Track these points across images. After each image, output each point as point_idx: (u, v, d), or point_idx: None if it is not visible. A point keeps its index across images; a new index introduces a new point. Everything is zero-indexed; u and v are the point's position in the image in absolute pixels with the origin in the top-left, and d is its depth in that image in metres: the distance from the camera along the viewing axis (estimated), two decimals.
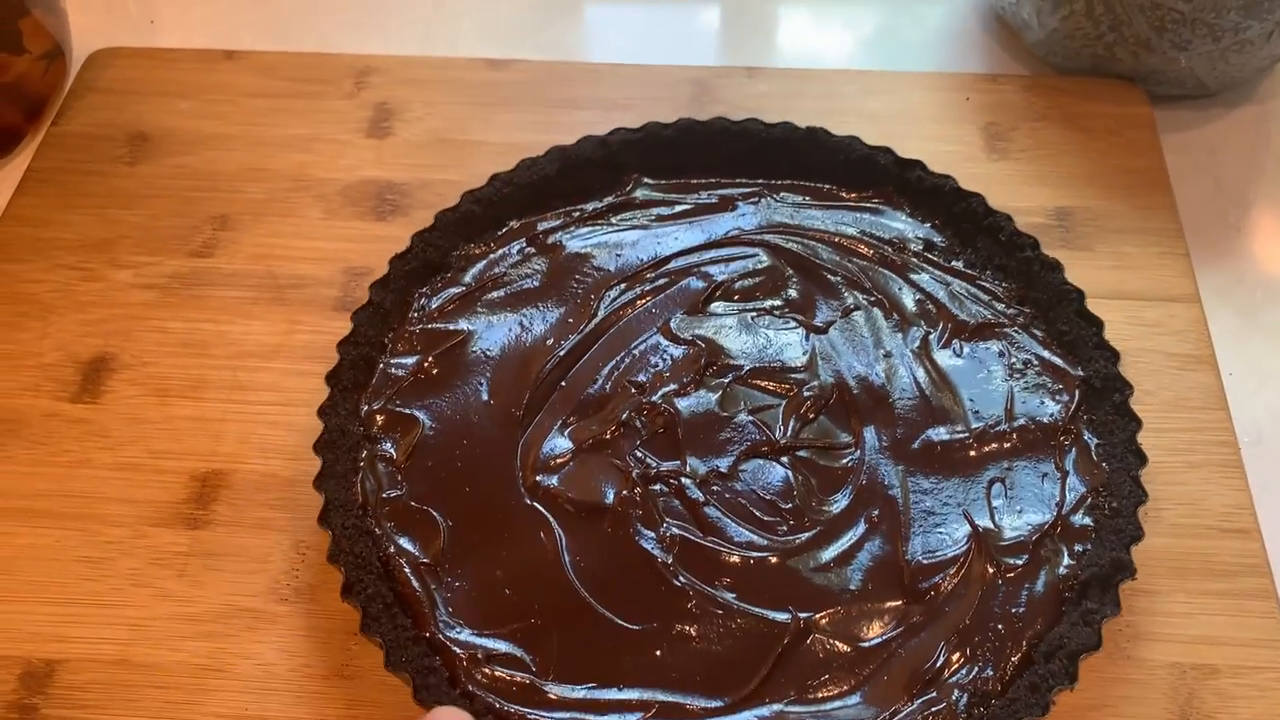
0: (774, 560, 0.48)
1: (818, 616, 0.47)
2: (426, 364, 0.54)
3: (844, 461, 0.51)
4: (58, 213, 0.66)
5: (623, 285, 0.57)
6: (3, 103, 0.67)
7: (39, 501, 0.55)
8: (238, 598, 0.52)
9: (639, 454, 0.51)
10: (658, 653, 0.46)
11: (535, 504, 0.50)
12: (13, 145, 0.69)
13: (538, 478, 0.50)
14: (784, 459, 0.51)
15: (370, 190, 0.66)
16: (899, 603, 0.47)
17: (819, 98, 0.70)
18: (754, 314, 0.56)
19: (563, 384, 0.54)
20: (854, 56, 0.77)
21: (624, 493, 0.50)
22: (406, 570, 0.48)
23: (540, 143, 0.61)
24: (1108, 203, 0.65)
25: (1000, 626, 0.46)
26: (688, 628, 0.46)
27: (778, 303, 0.56)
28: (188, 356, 0.60)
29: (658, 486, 0.50)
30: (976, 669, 0.45)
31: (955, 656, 0.45)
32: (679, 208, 0.60)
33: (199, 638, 0.50)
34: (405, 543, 0.49)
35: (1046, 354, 0.54)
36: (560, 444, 0.52)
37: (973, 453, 0.51)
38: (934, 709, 0.44)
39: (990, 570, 0.47)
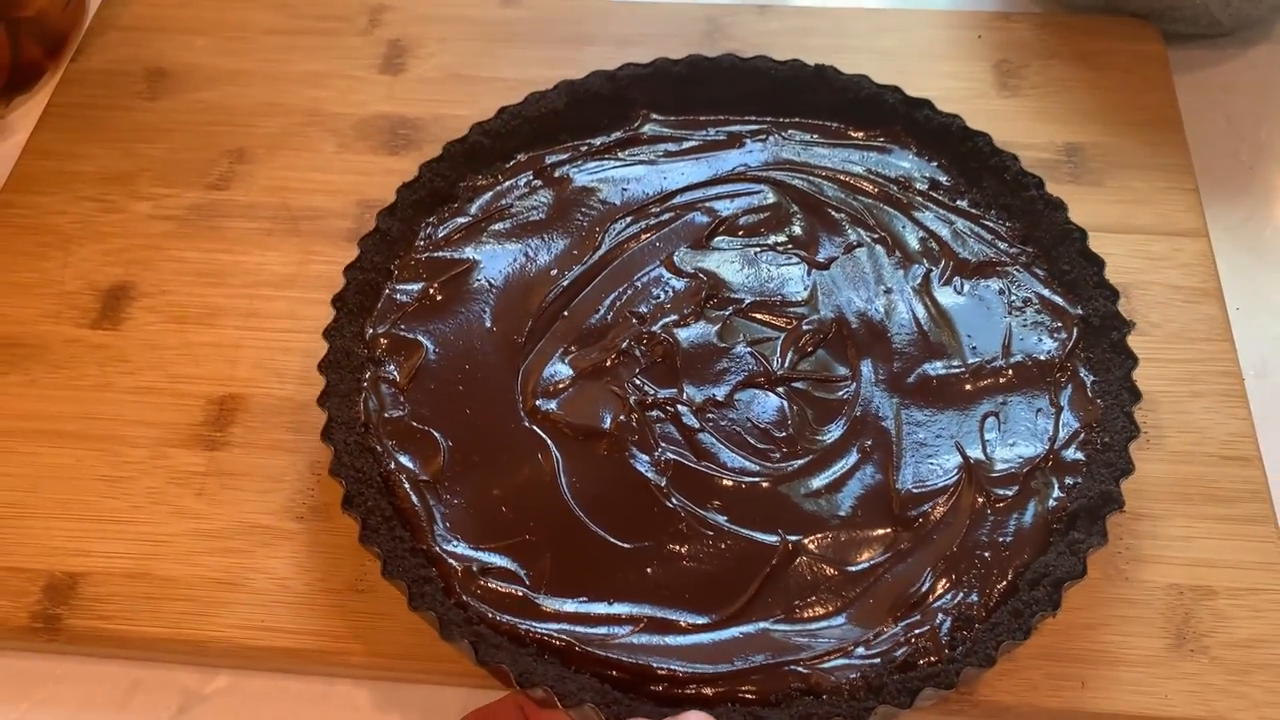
0: (765, 485, 0.49)
1: (806, 540, 0.47)
2: (431, 290, 0.55)
3: (840, 394, 0.52)
4: (79, 146, 0.67)
5: (628, 219, 0.58)
6: (24, 38, 0.68)
7: (61, 423, 0.56)
8: (254, 515, 0.53)
9: (637, 381, 0.52)
10: (648, 571, 0.47)
11: (534, 427, 0.51)
12: (34, 81, 0.70)
13: (537, 402, 0.51)
14: (780, 389, 0.52)
15: (383, 125, 0.67)
16: (887, 530, 0.48)
17: (830, 35, 0.70)
18: (757, 249, 0.56)
19: (565, 313, 0.54)
20: None
21: (621, 418, 0.51)
22: (406, 486, 0.49)
23: (551, 78, 0.62)
24: (1118, 139, 0.65)
25: (987, 554, 0.47)
26: (679, 547, 0.48)
27: (781, 238, 0.57)
28: (205, 285, 0.61)
29: (654, 413, 0.51)
30: (961, 595, 0.46)
31: (941, 582, 0.46)
32: (686, 144, 0.61)
33: (216, 553, 0.52)
34: (405, 460, 0.50)
35: (1046, 292, 0.54)
36: (560, 370, 0.53)
37: (968, 387, 0.51)
38: (917, 631, 0.45)
39: (979, 500, 0.48)
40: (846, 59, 0.67)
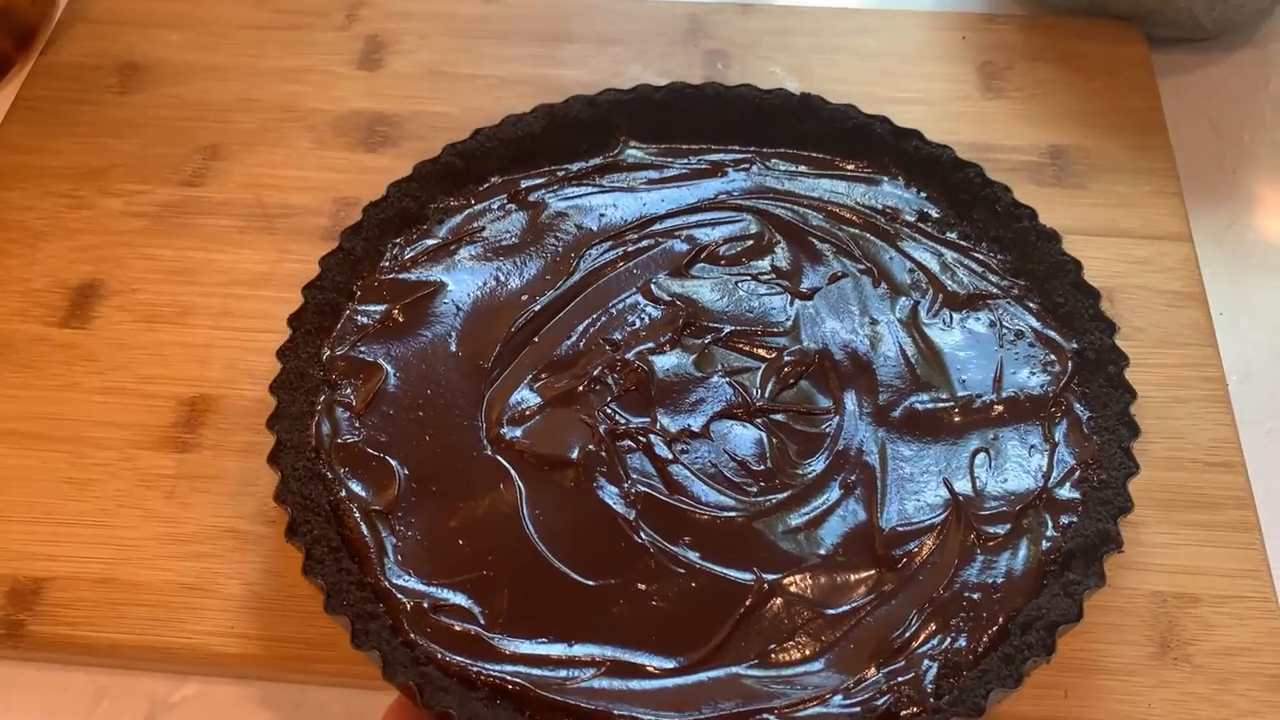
0: (741, 521, 0.46)
1: (783, 580, 0.45)
2: (394, 313, 0.52)
3: (822, 427, 0.49)
4: (48, 140, 0.65)
5: (605, 245, 0.55)
6: None
7: (26, 424, 0.55)
8: (224, 519, 0.52)
9: (609, 410, 0.49)
10: (613, 610, 0.44)
11: (497, 456, 0.48)
12: (2, 74, 0.69)
13: (501, 430, 0.49)
14: (759, 421, 0.49)
15: (361, 121, 0.66)
16: (870, 570, 0.45)
17: (813, 35, 0.70)
18: (738, 278, 0.54)
19: (535, 339, 0.52)
20: None
21: (590, 447, 0.48)
22: (356, 515, 0.46)
23: (532, 76, 0.61)
24: (1102, 142, 0.65)
25: (976, 596, 0.44)
26: (647, 586, 0.45)
27: (763, 268, 0.55)
28: (177, 284, 0.60)
29: (625, 443, 0.49)
30: (949, 640, 0.43)
31: (927, 627, 0.44)
32: (668, 172, 0.58)
33: (186, 558, 0.51)
34: (357, 488, 0.47)
35: (1039, 326, 0.52)
36: (528, 397, 0.50)
37: (958, 420, 0.49)
38: (900, 679, 0.42)
39: (969, 539, 0.46)
40: (828, 59, 0.66)
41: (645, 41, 0.68)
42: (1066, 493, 0.47)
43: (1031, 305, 0.52)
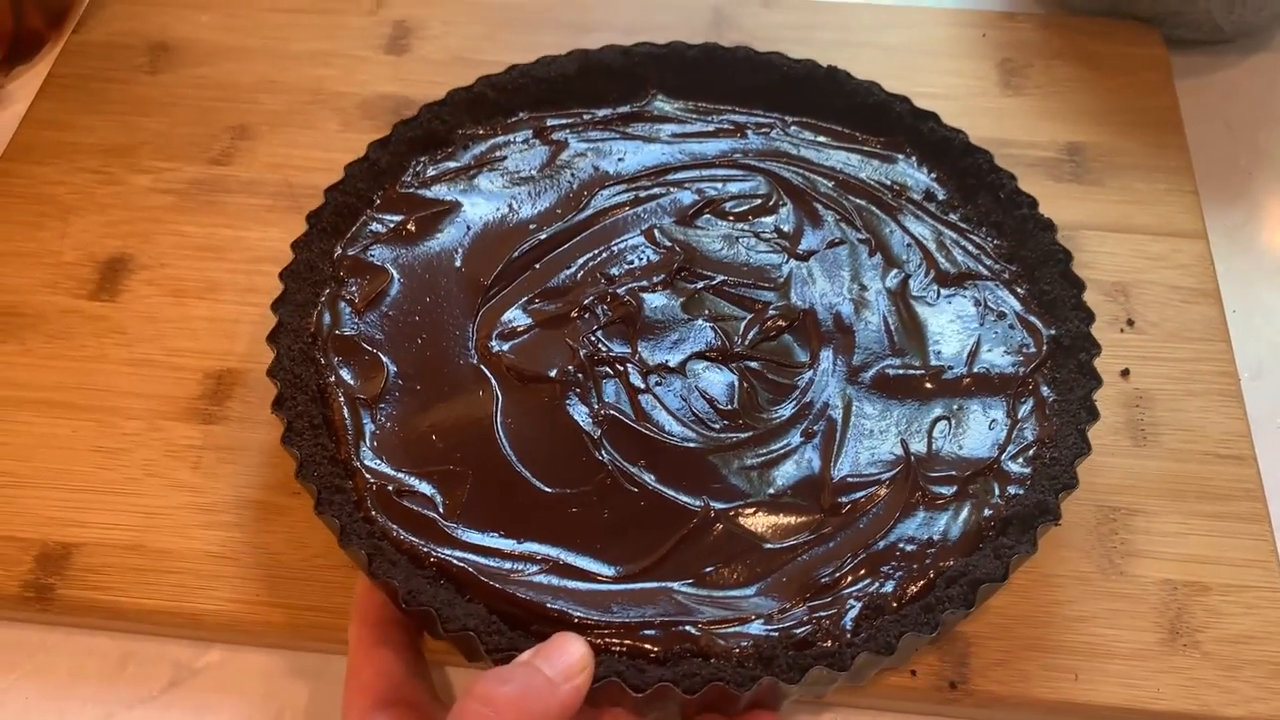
0: (699, 452, 0.48)
1: (729, 511, 0.47)
2: (408, 224, 0.55)
3: (795, 379, 0.51)
4: (79, 117, 0.66)
5: (618, 187, 0.57)
6: (26, 8, 0.67)
7: (56, 393, 0.56)
8: (250, 490, 0.53)
9: (594, 338, 0.52)
10: (565, 517, 0.47)
11: (482, 366, 0.51)
12: (35, 51, 0.70)
13: (490, 343, 0.51)
14: (734, 366, 0.51)
15: (387, 105, 0.67)
16: (815, 514, 0.47)
17: (835, 29, 0.71)
18: (740, 233, 0.56)
19: (536, 266, 0.54)
20: None
21: (569, 368, 0.50)
22: (341, 399, 0.49)
23: None
24: (1119, 140, 0.65)
25: (911, 549, 0.46)
26: (600, 499, 0.47)
27: (766, 226, 0.56)
28: (204, 260, 0.60)
29: (604, 369, 0.51)
30: (877, 585, 0.45)
31: (858, 570, 0.45)
32: (689, 128, 0.60)
33: (212, 527, 0.52)
34: (346, 375, 0.50)
35: (1022, 310, 0.53)
36: (519, 317, 0.52)
37: (927, 387, 0.51)
38: (822, 614, 0.44)
39: (914, 497, 0.47)
40: (851, 53, 0.67)
41: (669, 33, 0.69)
42: (1018, 467, 0.48)
43: (1018, 290, 0.54)
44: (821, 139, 0.60)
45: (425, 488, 0.47)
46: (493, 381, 0.50)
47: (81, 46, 0.70)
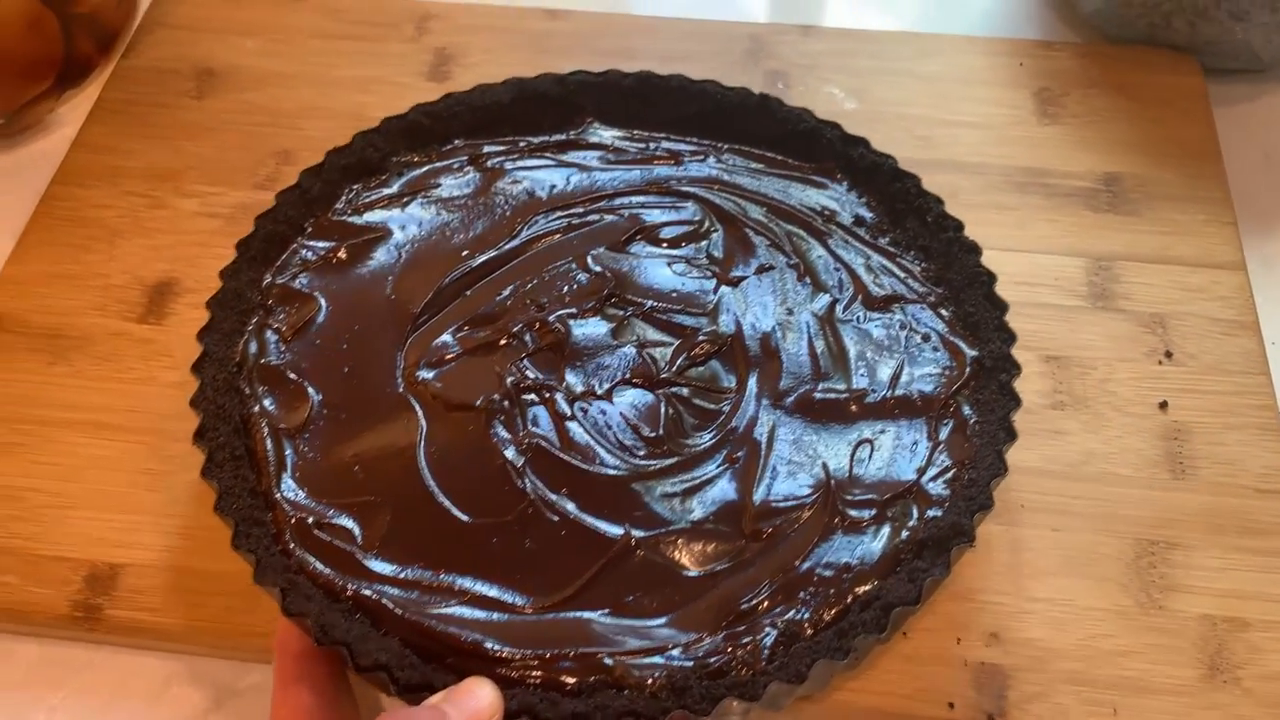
0: (623, 480, 0.48)
1: (650, 537, 0.47)
2: (338, 251, 0.55)
3: (721, 405, 0.51)
4: (127, 141, 0.68)
5: (551, 214, 0.58)
6: (77, 33, 0.69)
7: (105, 415, 0.57)
8: None
9: (521, 365, 0.52)
10: (485, 547, 0.47)
11: (408, 395, 0.51)
12: (85, 75, 0.71)
13: (418, 371, 0.51)
14: (661, 392, 0.51)
15: None
16: (736, 541, 0.47)
17: (873, 57, 0.71)
18: (671, 260, 0.56)
19: (467, 293, 0.54)
20: (910, 20, 0.77)
21: (495, 396, 0.50)
22: (264, 430, 0.49)
23: None
24: (1157, 170, 0.65)
25: (828, 574, 0.46)
26: (521, 529, 0.47)
27: (697, 253, 0.57)
28: None
29: (530, 396, 0.51)
30: (793, 611, 0.45)
31: (775, 597, 0.45)
32: (625, 155, 0.60)
33: None
34: (270, 405, 0.50)
35: (946, 331, 0.53)
36: (448, 344, 0.53)
37: (853, 408, 0.51)
38: (739, 642, 0.44)
39: (832, 521, 0.47)
40: (888, 81, 0.68)
41: (707, 60, 0.70)
42: (937, 489, 0.48)
43: (944, 312, 0.54)
44: (755, 165, 0.60)
45: (345, 520, 0.47)
46: (418, 410, 0.50)
47: (130, 72, 0.71)
